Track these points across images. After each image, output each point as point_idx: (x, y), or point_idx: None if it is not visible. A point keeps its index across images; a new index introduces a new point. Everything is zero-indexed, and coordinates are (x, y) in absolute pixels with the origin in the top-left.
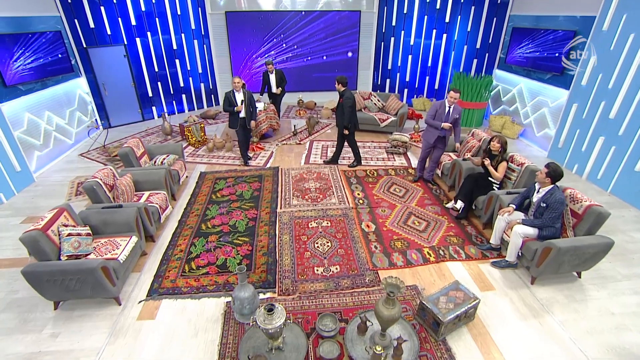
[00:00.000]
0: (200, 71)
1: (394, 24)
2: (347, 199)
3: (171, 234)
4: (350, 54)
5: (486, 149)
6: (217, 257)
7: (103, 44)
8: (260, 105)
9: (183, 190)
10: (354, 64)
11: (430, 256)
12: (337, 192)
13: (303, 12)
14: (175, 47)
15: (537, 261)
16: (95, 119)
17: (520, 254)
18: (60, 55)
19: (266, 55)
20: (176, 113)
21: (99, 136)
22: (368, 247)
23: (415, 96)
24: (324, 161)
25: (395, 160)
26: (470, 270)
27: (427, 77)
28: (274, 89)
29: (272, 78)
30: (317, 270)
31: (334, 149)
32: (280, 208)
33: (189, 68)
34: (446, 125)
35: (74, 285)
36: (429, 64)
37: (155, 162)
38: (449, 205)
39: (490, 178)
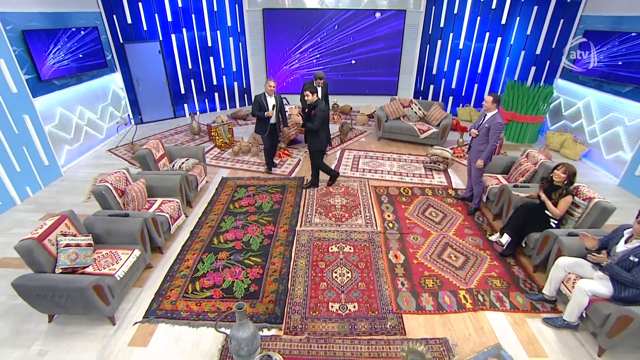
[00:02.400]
0: (234, 69)
1: (442, 25)
2: (375, 220)
3: (181, 247)
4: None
5: (547, 177)
6: (224, 279)
7: (139, 39)
8: (288, 108)
9: (201, 197)
10: (395, 66)
11: (467, 301)
12: (365, 211)
13: (345, 11)
14: (210, 44)
15: (609, 330)
16: (128, 115)
17: (584, 314)
18: (96, 51)
19: (306, 53)
20: (208, 111)
21: (127, 132)
22: (394, 283)
23: (461, 105)
24: (303, 186)
25: (433, 178)
26: (516, 325)
27: (476, 85)
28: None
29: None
30: (332, 306)
31: (366, 159)
32: (300, 226)
33: (222, 66)
34: (472, 131)
35: (64, 302)
36: (479, 71)
37: (173, 166)
38: (493, 238)
39: (547, 212)
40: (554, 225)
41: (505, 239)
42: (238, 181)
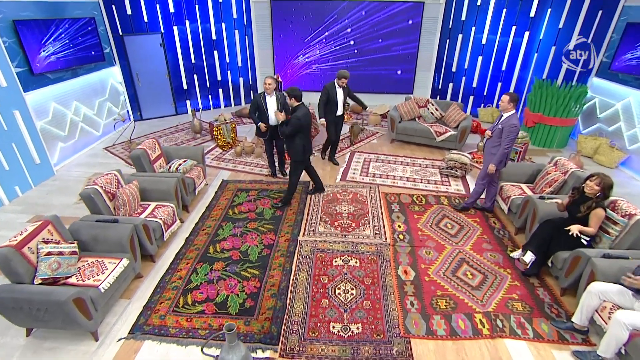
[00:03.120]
0: (239, 64)
1: (463, 18)
2: (384, 231)
3: (174, 255)
4: (401, 68)
5: (578, 187)
6: (218, 292)
7: (139, 31)
8: None
9: (199, 200)
10: (411, 63)
11: (484, 327)
12: (374, 221)
13: (359, 3)
14: (214, 37)
15: None
16: (127, 111)
17: (623, 351)
18: (93, 43)
19: (316, 47)
20: (211, 108)
21: (125, 130)
22: (402, 303)
23: (482, 105)
24: (273, 205)
25: (450, 186)
26: (540, 357)
27: (500, 84)
28: (339, 110)
29: (340, 94)
30: (334, 327)
31: (377, 163)
32: (303, 235)
33: (227, 60)
34: (487, 133)
35: (42, 315)
36: (503, 68)
37: (170, 167)
38: (515, 255)
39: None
40: (585, 244)
41: (529, 257)
42: (239, 184)
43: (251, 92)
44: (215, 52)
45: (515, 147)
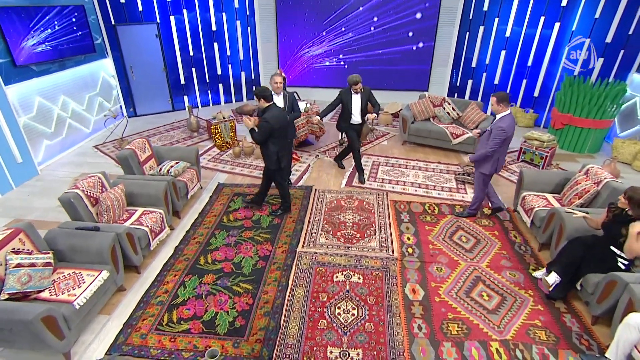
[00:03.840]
0: (241, 58)
1: (485, 8)
2: (392, 244)
3: (161, 266)
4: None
5: (615, 203)
6: (207, 309)
7: (134, 21)
8: (301, 106)
9: (192, 205)
10: (427, 58)
11: (500, 357)
12: (381, 231)
13: None
14: (214, 28)
15: None
16: (120, 106)
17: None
18: (83, 33)
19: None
20: (210, 105)
21: (116, 127)
22: (409, 327)
23: None
24: (272, 212)
25: (466, 194)
26: None
27: (525, 81)
28: (356, 117)
29: (356, 101)
30: (331, 352)
31: (387, 167)
32: (302, 246)
33: (228, 54)
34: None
35: (6, 335)
36: (529, 63)
37: (161, 170)
38: (538, 274)
39: (614, 248)
40: (622, 267)
41: (553, 278)
42: (236, 188)
43: (253, 87)
44: (215, 44)
45: (541, 152)
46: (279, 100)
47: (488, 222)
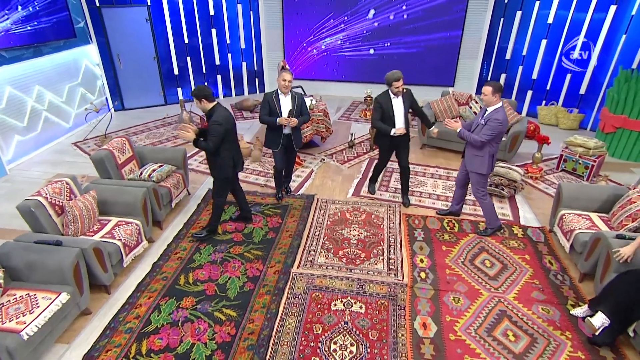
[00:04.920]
0: (242, 46)
1: None
2: (402, 266)
3: (135, 285)
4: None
5: None
6: (182, 340)
7: (121, 3)
8: (307, 102)
9: (177, 214)
10: (454, 48)
11: None
12: (390, 251)
13: None
14: (212, 12)
15: None
16: (105, 98)
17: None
18: (61, 16)
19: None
20: None
21: (99, 122)
22: None
23: (543, 103)
24: (194, 235)
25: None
26: None
27: (569, 75)
28: (400, 124)
29: (398, 106)
30: None
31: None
32: (298, 267)
33: (228, 41)
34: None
35: None
36: (575, 55)
37: (141, 173)
38: (579, 312)
39: None
40: None
41: (600, 320)
42: (228, 196)
43: (256, 79)
44: (214, 31)
45: (586, 161)
46: (286, 102)
47: (518, 243)
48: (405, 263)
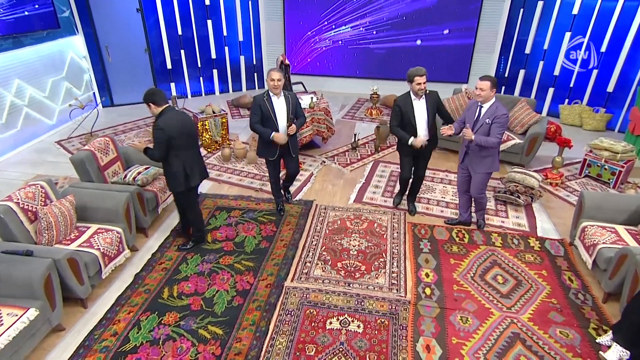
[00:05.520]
0: (240, 38)
1: None
2: (405, 281)
3: (115, 298)
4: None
5: None
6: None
7: None
8: (305, 100)
9: (164, 221)
10: (468, 43)
11: None
12: (393, 263)
13: None
14: (208, 1)
15: None
16: (93, 93)
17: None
18: (44, 4)
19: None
20: (203, 94)
21: (85, 119)
22: None
23: (566, 102)
24: (180, 247)
25: (507, 217)
26: None
27: (595, 72)
28: (422, 132)
29: (420, 110)
30: None
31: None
32: (292, 280)
33: (225, 33)
34: (465, 132)
35: None
36: (604, 49)
37: (126, 176)
38: (604, 340)
39: None
40: None
41: (617, 354)
42: (220, 200)
43: (255, 74)
44: (209, 22)
45: (613, 166)
46: (279, 104)
47: (534, 257)
48: (408, 277)
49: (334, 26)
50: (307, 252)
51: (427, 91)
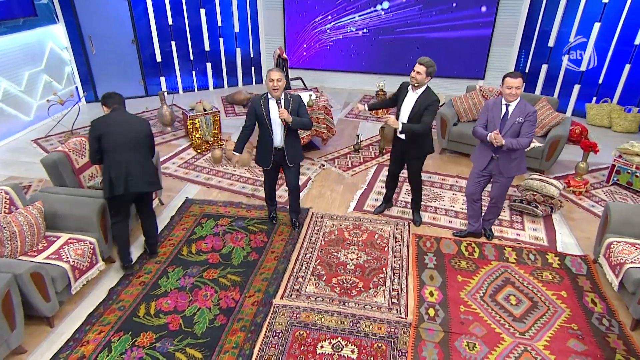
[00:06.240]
0: (236, 29)
1: None
2: (406, 299)
3: (85, 316)
4: None
5: None
6: None
7: None
8: (304, 98)
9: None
10: (485, 35)
11: None
12: (394, 280)
13: None
14: None
15: None
16: (76, 87)
17: None
18: None
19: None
20: (196, 89)
21: (65, 115)
22: None
23: (594, 100)
24: (123, 266)
25: (524, 230)
26: None
27: (628, 66)
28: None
29: (409, 102)
30: None
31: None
32: (282, 297)
33: (219, 24)
34: (495, 137)
35: None
36: (638, 41)
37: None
38: None
39: None
40: None
41: None
42: (207, 207)
43: (252, 68)
44: (202, 11)
45: (636, 170)
46: (276, 109)
47: (552, 276)
48: (410, 296)
49: (336, 15)
50: (299, 266)
51: (416, 82)
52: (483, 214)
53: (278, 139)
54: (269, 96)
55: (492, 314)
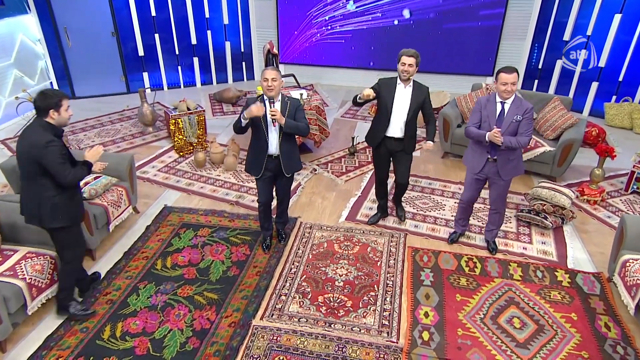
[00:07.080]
0: (225, 22)
1: None
2: (399, 321)
3: (43, 339)
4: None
5: None
6: None
7: None
8: (296, 95)
9: (117, 241)
10: (495, 25)
11: None
12: (385, 298)
13: None
14: None
15: None
16: (50, 83)
17: None
18: None
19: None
20: (182, 86)
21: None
22: None
23: (613, 99)
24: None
25: (531, 242)
26: None
27: None
28: (395, 127)
29: (402, 98)
30: None
31: (414, 192)
32: (262, 317)
33: (207, 15)
34: (495, 135)
35: None
36: None
37: None
38: None
39: None
40: None
41: None
42: (187, 216)
43: (243, 63)
44: (189, 1)
45: None
46: (274, 110)
47: (562, 296)
48: (403, 317)
49: (333, 5)
50: (283, 283)
51: (415, 83)
52: (485, 224)
53: (273, 145)
54: (265, 99)
55: (493, 339)
